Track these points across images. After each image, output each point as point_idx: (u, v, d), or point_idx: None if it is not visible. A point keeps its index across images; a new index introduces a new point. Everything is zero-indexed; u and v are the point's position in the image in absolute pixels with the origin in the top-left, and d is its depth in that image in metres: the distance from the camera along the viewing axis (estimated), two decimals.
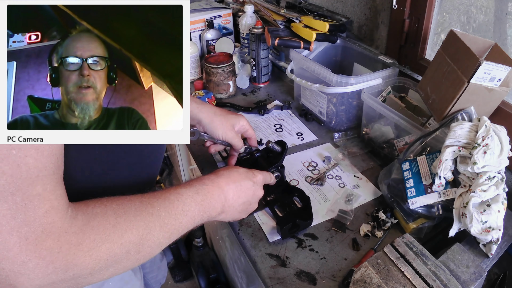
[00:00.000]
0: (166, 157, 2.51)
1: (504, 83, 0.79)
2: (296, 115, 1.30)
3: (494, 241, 0.73)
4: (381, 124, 1.05)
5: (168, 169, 2.48)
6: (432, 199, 0.78)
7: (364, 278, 0.65)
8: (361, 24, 1.32)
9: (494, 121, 0.76)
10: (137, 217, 0.53)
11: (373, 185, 0.97)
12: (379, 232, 0.83)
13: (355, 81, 1.07)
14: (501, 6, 0.98)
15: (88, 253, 0.46)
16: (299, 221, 0.82)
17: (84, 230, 0.47)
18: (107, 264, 0.48)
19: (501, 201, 0.72)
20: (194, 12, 1.61)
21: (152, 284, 1.28)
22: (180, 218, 0.58)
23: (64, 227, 0.46)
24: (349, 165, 1.05)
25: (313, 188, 0.98)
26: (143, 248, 0.53)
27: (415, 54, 1.15)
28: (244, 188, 0.71)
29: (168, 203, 0.58)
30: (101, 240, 0.48)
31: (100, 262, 0.48)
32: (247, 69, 1.53)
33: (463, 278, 0.67)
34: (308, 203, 0.86)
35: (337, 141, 1.15)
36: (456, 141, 0.75)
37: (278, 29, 1.37)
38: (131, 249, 0.51)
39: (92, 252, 0.47)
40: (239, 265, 1.24)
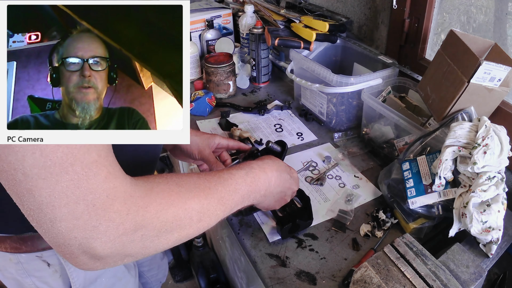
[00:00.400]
0: (166, 157, 2.51)
1: (504, 83, 0.79)
2: (296, 115, 1.30)
3: (494, 241, 0.73)
4: (381, 124, 1.05)
5: (168, 169, 2.48)
6: (432, 199, 0.78)
7: (364, 278, 0.65)
8: (361, 24, 1.32)
9: (494, 121, 0.76)
10: (197, 188, 0.56)
11: (373, 185, 0.97)
12: (379, 232, 0.83)
13: (355, 81, 1.07)
14: (501, 6, 0.98)
15: (156, 215, 0.48)
16: (299, 221, 0.82)
17: (149, 194, 0.49)
18: (172, 227, 0.50)
19: (501, 201, 0.72)
20: (194, 12, 1.61)
21: (152, 282, 1.28)
22: (233, 195, 0.61)
23: (128, 191, 0.47)
24: (349, 165, 1.05)
25: (313, 188, 0.98)
26: (204, 217, 0.55)
27: (415, 54, 1.15)
28: (283, 179, 0.74)
29: (223, 180, 0.61)
30: (167, 204, 0.50)
31: (167, 225, 0.50)
32: (247, 69, 1.53)
33: (463, 278, 0.67)
34: (308, 203, 0.86)
35: (337, 141, 1.15)
36: (456, 141, 0.75)
37: (278, 29, 1.37)
38: (193, 216, 0.53)
39: (159, 214, 0.49)
40: (239, 265, 1.24)
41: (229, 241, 1.27)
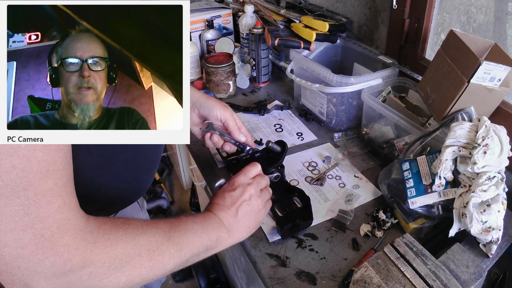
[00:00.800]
0: (166, 157, 2.51)
1: (504, 83, 0.79)
2: (296, 115, 1.30)
3: (494, 241, 0.73)
4: (381, 124, 1.05)
5: (168, 169, 2.48)
6: (432, 199, 0.78)
7: (364, 278, 0.65)
8: (361, 24, 1.32)
9: (494, 121, 0.76)
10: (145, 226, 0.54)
11: (373, 185, 0.97)
12: (379, 232, 0.83)
13: (355, 81, 1.07)
14: (501, 6, 0.98)
15: (105, 250, 0.47)
16: (299, 221, 0.82)
17: (98, 230, 0.48)
18: (121, 264, 0.49)
19: (501, 201, 0.72)
20: (194, 12, 1.61)
21: (152, 282, 1.28)
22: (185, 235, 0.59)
23: (80, 225, 0.45)
24: (349, 165, 1.05)
25: (313, 188, 0.98)
26: (155, 255, 0.53)
27: (415, 54, 1.15)
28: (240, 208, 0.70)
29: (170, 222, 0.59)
30: (115, 239, 0.49)
31: (116, 261, 0.48)
32: (247, 69, 1.53)
33: (463, 278, 0.67)
34: (308, 203, 0.86)
35: (337, 141, 1.15)
36: (456, 141, 0.75)
37: (278, 29, 1.37)
38: (143, 252, 0.51)
39: (108, 249, 0.47)
40: (239, 265, 1.24)
41: None
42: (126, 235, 0.51)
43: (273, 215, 0.87)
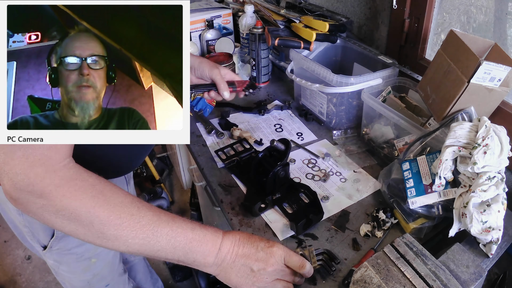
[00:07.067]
0: (166, 157, 2.51)
1: (504, 83, 0.79)
2: (296, 115, 1.30)
3: (494, 241, 0.73)
4: (381, 124, 1.05)
5: (168, 169, 2.48)
6: (432, 199, 0.78)
7: (364, 278, 0.65)
8: (361, 24, 1.32)
9: (494, 121, 0.76)
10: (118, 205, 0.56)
11: (373, 178, 0.98)
12: (379, 232, 0.83)
13: (355, 81, 1.07)
14: (501, 6, 0.98)
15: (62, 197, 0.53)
16: (312, 216, 0.83)
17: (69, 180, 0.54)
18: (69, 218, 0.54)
19: (501, 201, 0.72)
20: (194, 12, 1.61)
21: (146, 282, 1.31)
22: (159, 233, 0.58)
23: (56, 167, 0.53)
24: (345, 162, 1.05)
25: (315, 184, 0.98)
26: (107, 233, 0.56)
27: (415, 54, 1.15)
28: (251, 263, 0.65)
29: (157, 216, 0.59)
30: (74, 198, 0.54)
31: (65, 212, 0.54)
32: (247, 69, 1.53)
33: (463, 278, 0.67)
34: (316, 197, 0.87)
35: (336, 139, 1.15)
36: (456, 141, 0.75)
37: (278, 29, 1.37)
38: (95, 223, 0.55)
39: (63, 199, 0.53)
40: None
41: None
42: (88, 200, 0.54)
43: (282, 212, 0.88)
